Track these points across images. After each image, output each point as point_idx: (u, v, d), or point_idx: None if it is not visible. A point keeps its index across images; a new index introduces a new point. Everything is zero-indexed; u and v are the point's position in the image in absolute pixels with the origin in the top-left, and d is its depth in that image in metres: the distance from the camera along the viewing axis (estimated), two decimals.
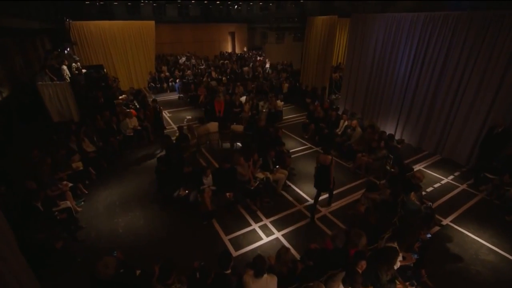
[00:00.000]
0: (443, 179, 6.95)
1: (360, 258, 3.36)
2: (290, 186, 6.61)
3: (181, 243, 4.98)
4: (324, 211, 5.82)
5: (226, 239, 5.05)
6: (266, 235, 5.15)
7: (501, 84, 6.56)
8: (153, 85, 14.80)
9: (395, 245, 3.63)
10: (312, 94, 11.61)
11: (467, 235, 5.16)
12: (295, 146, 8.73)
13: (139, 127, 8.61)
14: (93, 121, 8.05)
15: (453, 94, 7.48)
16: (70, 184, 5.75)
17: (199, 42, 26.90)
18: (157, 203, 5.97)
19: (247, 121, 9.95)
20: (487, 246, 4.90)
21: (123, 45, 14.77)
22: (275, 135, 7.04)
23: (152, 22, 15.55)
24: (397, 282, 3.59)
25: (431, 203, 5.11)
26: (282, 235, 5.15)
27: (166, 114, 11.72)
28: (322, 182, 5.40)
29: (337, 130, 8.34)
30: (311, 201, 6.10)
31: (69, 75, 10.01)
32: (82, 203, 5.95)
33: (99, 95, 9.48)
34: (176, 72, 16.23)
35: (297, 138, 9.39)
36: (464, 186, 6.64)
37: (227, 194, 5.46)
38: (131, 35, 14.86)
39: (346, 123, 8.18)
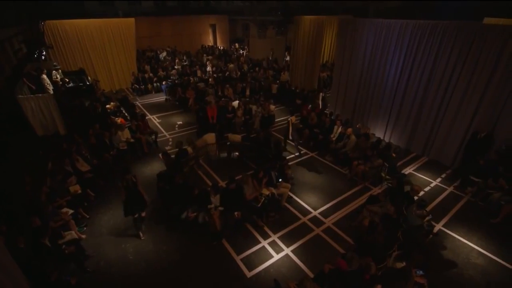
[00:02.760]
0: (432, 182, 7.43)
1: (377, 282, 3.62)
2: (292, 197, 6.80)
3: (193, 266, 5.05)
4: (327, 222, 6.08)
5: (238, 259, 5.18)
6: (276, 252, 5.34)
7: (485, 92, 7.00)
8: (137, 86, 14.25)
9: (404, 264, 3.93)
10: (303, 96, 11.73)
11: (458, 239, 5.63)
12: (291, 153, 8.89)
13: (132, 140, 8.38)
14: (83, 136, 7.74)
15: (440, 99, 7.89)
16: (71, 211, 5.59)
17: (178, 36, 25.93)
18: (164, 224, 5.95)
19: (240, 126, 10.01)
20: (477, 250, 5.38)
21: (102, 45, 14.06)
22: (276, 150, 7.13)
23: (132, 20, 14.84)
24: None
25: (431, 216, 5.45)
26: (292, 251, 5.36)
27: (155, 119, 11.43)
28: None
29: (332, 136, 8.58)
30: (314, 212, 6.35)
31: (50, 84, 9.43)
32: (85, 228, 5.82)
33: (96, 106, 9.06)
34: (160, 71, 15.69)
35: (291, 143, 9.53)
36: (451, 189, 7.14)
37: (235, 213, 5.55)
38: (110, 34, 14.15)
39: (340, 129, 8.42)
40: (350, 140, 7.83)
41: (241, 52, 24.64)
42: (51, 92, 9.13)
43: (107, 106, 10.23)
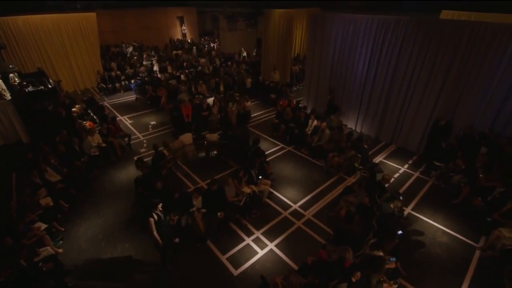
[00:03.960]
0: (401, 168, 7.96)
1: (356, 270, 3.89)
2: (273, 193, 6.97)
3: (180, 271, 5.06)
4: (307, 215, 6.33)
5: (224, 258, 5.27)
6: (260, 248, 5.49)
7: (444, 83, 7.56)
8: (104, 86, 13.55)
9: (380, 253, 4.25)
10: (277, 90, 11.87)
11: (425, 221, 6.14)
12: (268, 148, 9.04)
13: (103, 144, 8.04)
14: (49, 144, 7.29)
15: (405, 90, 8.40)
16: (44, 226, 5.32)
17: (145, 29, 24.79)
18: (146, 230, 5.83)
19: (216, 124, 9.95)
20: (441, 229, 5.92)
21: (61, 42, 13.15)
22: (256, 149, 7.22)
23: (93, 14, 13.97)
24: (383, 282, 4.25)
25: (402, 195, 5.89)
26: (275, 246, 5.54)
27: (126, 120, 11.01)
28: None
29: (307, 130, 8.83)
30: (294, 206, 6.58)
31: (5, 90, 8.68)
32: (61, 242, 5.57)
33: (60, 110, 8.50)
34: (127, 68, 15.01)
35: (268, 138, 9.68)
36: (417, 174, 7.72)
37: (219, 214, 5.60)
38: (69, 30, 13.26)
39: (315, 122, 8.68)
40: (324, 134, 8.12)
41: (212, 45, 24.16)
42: (8, 97, 8.43)
43: (73, 109, 9.65)
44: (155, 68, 15.23)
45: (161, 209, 4.65)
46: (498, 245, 5.17)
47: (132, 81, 13.38)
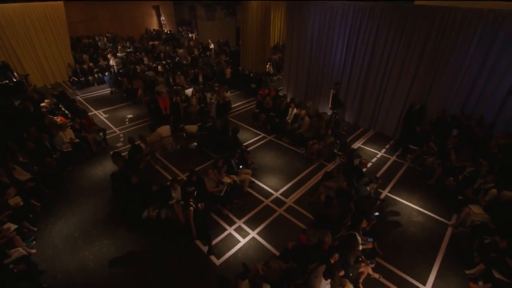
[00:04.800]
0: (378, 153, 8.17)
1: (334, 252, 3.98)
2: (254, 182, 6.97)
3: (161, 265, 4.98)
4: (288, 202, 6.39)
5: (206, 249, 5.24)
6: (242, 237, 5.50)
7: (418, 67, 7.76)
8: (76, 79, 12.90)
9: (356, 233, 4.36)
10: (257, 80, 11.76)
11: (401, 202, 6.37)
12: (250, 138, 9.00)
13: (77, 140, 7.69)
14: (17, 142, 6.88)
15: (381, 76, 8.56)
16: (14, 226, 5.05)
17: (118, 19, 23.71)
18: (124, 226, 5.71)
19: (196, 115, 9.77)
20: (417, 209, 6.16)
21: (26, 33, 12.34)
22: (233, 137, 7.15)
23: (60, 3, 13.20)
24: (361, 262, 4.38)
25: (380, 179, 6.05)
26: (257, 233, 5.57)
27: (101, 115, 10.59)
28: None
29: (287, 118, 8.84)
30: (275, 194, 6.62)
31: None
32: (34, 242, 5.32)
33: (27, 105, 8.00)
34: (101, 60, 14.36)
35: (249, 128, 9.64)
36: (394, 158, 7.95)
37: (199, 205, 5.53)
38: (35, 20, 12.46)
39: (295, 111, 8.69)
40: (304, 121, 8.16)
41: (190, 35, 23.53)
42: None
43: (42, 104, 9.15)
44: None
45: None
46: (468, 221, 5.44)
47: (106, 73, 12.81)
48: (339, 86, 9.33)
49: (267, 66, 13.34)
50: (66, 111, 9.26)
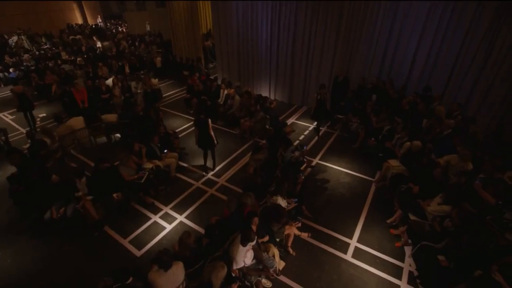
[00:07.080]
0: (310, 126, 8.34)
1: (253, 216, 3.79)
2: (184, 166, 6.54)
3: (72, 266, 4.32)
4: (221, 181, 6.12)
5: (126, 242, 4.70)
6: (168, 223, 5.07)
7: (336, 42, 8.06)
8: None
9: (278, 198, 4.24)
10: (190, 66, 11.22)
11: (331, 167, 6.53)
12: (182, 124, 8.51)
13: None
14: None
15: (306, 55, 8.77)
16: None
17: (33, 14, 20.94)
18: (26, 233, 4.85)
19: (121, 107, 8.91)
20: (344, 172, 6.36)
21: None
22: (156, 119, 6.60)
23: None
24: (285, 225, 4.28)
25: (306, 146, 6.09)
26: (185, 217, 5.19)
27: (6, 117, 9.11)
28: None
29: (219, 100, 8.53)
30: (207, 175, 6.29)
31: None
32: None
33: None
34: (7, 58, 12.41)
35: (182, 115, 9.13)
36: (325, 129, 8.17)
37: (114, 195, 4.95)
38: None
39: (226, 92, 8.42)
40: (235, 100, 7.94)
41: (120, 29, 21.79)
42: None
43: None
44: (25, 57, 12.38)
45: None
46: (388, 175, 5.75)
47: (11, 70, 11.07)
48: (326, 91, 7.34)
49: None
50: None
